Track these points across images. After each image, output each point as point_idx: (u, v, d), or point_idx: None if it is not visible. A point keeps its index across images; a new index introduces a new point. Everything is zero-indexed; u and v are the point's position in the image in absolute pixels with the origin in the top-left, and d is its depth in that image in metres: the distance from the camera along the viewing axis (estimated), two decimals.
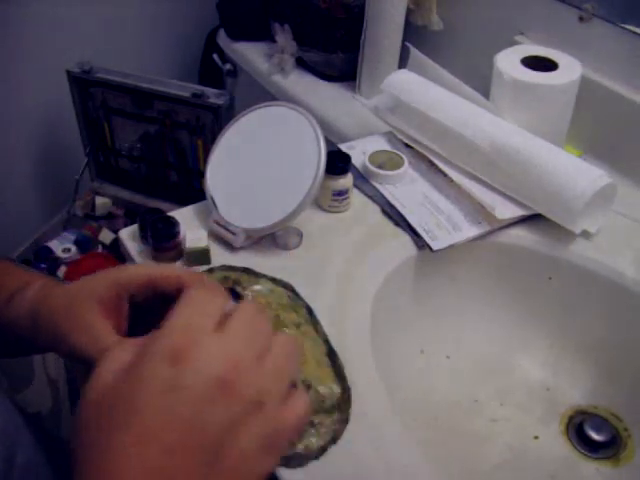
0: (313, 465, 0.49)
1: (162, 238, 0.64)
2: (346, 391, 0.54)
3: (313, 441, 0.50)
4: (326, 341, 0.58)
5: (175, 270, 0.45)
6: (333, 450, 0.50)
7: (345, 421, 0.52)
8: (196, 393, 0.32)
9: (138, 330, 0.46)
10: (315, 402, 0.52)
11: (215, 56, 1.31)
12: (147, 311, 0.47)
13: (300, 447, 0.49)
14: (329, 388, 0.53)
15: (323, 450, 0.49)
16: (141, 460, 0.31)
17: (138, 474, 0.30)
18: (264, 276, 0.63)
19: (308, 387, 0.53)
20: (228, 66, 1.30)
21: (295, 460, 0.49)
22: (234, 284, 0.62)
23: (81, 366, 0.51)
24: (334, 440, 0.50)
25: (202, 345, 0.33)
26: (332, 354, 0.57)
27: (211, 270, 0.64)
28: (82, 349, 0.43)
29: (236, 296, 0.62)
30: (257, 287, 0.62)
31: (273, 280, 0.63)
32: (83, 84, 1.28)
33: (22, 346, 0.52)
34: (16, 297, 0.49)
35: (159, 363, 0.32)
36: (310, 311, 0.60)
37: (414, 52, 0.83)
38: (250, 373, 0.33)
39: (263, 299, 0.61)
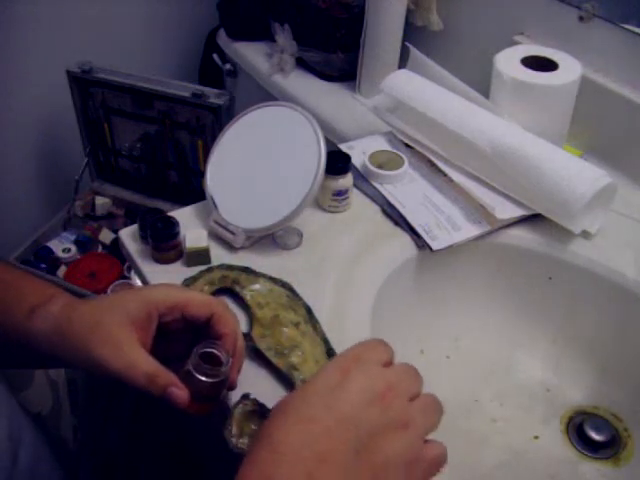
0: None
1: (162, 238, 0.64)
2: None
3: None
4: (325, 340, 0.58)
5: (204, 296, 0.49)
6: None
7: None
8: (356, 397, 0.38)
9: (160, 349, 0.48)
10: None
11: (215, 56, 1.31)
12: (172, 332, 0.49)
13: None
14: None
15: None
16: (303, 436, 0.37)
17: (300, 446, 0.37)
18: (263, 275, 0.63)
19: None
20: (228, 66, 1.30)
21: None
22: (233, 283, 0.62)
23: (83, 369, 0.51)
24: None
25: (368, 367, 0.40)
26: (331, 353, 0.57)
27: (210, 269, 0.64)
28: (109, 363, 0.45)
29: (234, 296, 0.62)
30: (256, 286, 0.62)
31: (272, 279, 0.63)
32: (83, 84, 1.28)
33: (39, 359, 0.52)
34: (38, 312, 0.49)
35: (331, 371, 0.40)
36: (309, 310, 0.60)
37: (414, 52, 0.83)
38: (402, 400, 0.40)
39: (262, 298, 0.61)
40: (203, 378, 0.47)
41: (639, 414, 0.66)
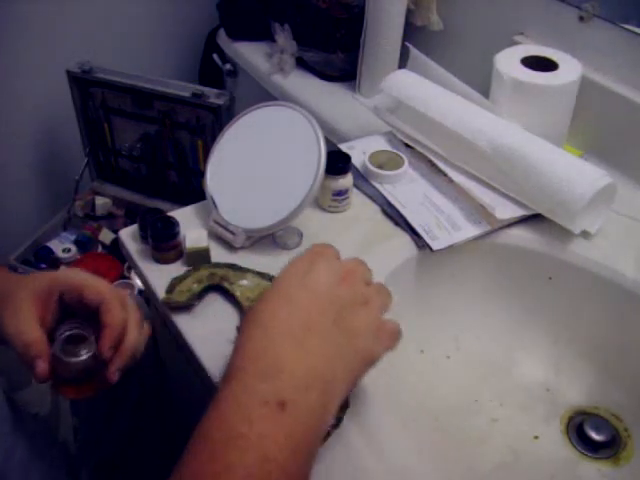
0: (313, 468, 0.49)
1: (162, 238, 0.64)
2: None
3: None
4: None
5: (101, 285, 0.53)
6: (333, 452, 0.50)
7: (345, 406, 0.52)
8: (324, 278, 0.45)
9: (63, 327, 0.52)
10: None
11: (215, 56, 1.31)
12: (80, 316, 0.53)
13: None
14: None
15: (327, 435, 0.50)
16: (288, 313, 0.43)
17: (287, 320, 0.43)
18: (249, 271, 0.64)
19: None
20: (228, 66, 1.30)
21: None
22: (221, 280, 0.62)
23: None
24: (337, 425, 0.51)
25: (328, 258, 0.47)
26: None
27: (197, 268, 0.64)
28: (6, 327, 0.49)
29: (225, 293, 0.62)
30: (244, 282, 0.62)
31: (259, 274, 0.63)
32: (83, 84, 1.28)
33: None
34: None
35: (299, 262, 0.47)
36: None
37: (414, 52, 0.83)
38: (360, 282, 0.47)
39: (250, 293, 0.61)
40: (63, 357, 0.49)
41: (639, 414, 0.66)
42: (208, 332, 0.59)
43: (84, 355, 0.49)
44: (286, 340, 0.42)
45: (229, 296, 0.62)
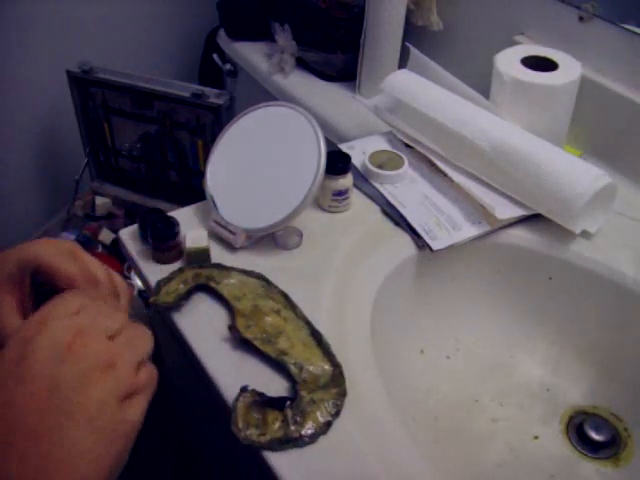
0: (313, 467, 0.49)
1: (162, 238, 0.64)
2: (337, 367, 0.55)
3: (319, 417, 0.51)
4: (308, 323, 0.59)
5: (70, 269, 0.47)
6: (333, 453, 0.50)
7: (343, 394, 0.53)
8: (44, 357, 0.35)
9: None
10: (310, 381, 0.54)
11: (215, 56, 1.31)
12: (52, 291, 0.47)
13: (308, 424, 0.50)
14: (320, 367, 0.55)
15: (329, 425, 0.51)
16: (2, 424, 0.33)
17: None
18: (233, 269, 0.64)
19: (300, 369, 0.54)
20: (228, 66, 1.30)
21: (304, 439, 0.50)
22: (207, 280, 0.62)
23: None
24: (337, 414, 0.52)
25: (53, 322, 0.37)
26: (316, 334, 0.58)
27: (182, 270, 0.64)
28: None
29: (212, 292, 0.62)
30: (231, 281, 0.62)
31: (244, 272, 0.64)
32: (83, 84, 1.28)
33: None
34: None
35: (12, 347, 0.36)
36: (286, 296, 0.61)
37: (414, 52, 0.83)
38: (99, 340, 0.37)
39: (237, 291, 0.61)
40: None
41: (639, 414, 0.66)
42: (202, 328, 0.59)
43: None
44: (6, 458, 0.33)
45: (217, 296, 0.62)
